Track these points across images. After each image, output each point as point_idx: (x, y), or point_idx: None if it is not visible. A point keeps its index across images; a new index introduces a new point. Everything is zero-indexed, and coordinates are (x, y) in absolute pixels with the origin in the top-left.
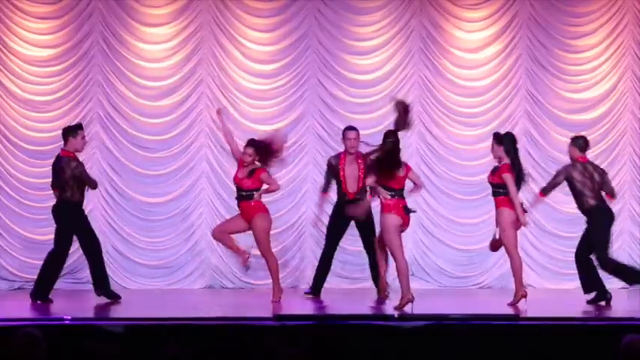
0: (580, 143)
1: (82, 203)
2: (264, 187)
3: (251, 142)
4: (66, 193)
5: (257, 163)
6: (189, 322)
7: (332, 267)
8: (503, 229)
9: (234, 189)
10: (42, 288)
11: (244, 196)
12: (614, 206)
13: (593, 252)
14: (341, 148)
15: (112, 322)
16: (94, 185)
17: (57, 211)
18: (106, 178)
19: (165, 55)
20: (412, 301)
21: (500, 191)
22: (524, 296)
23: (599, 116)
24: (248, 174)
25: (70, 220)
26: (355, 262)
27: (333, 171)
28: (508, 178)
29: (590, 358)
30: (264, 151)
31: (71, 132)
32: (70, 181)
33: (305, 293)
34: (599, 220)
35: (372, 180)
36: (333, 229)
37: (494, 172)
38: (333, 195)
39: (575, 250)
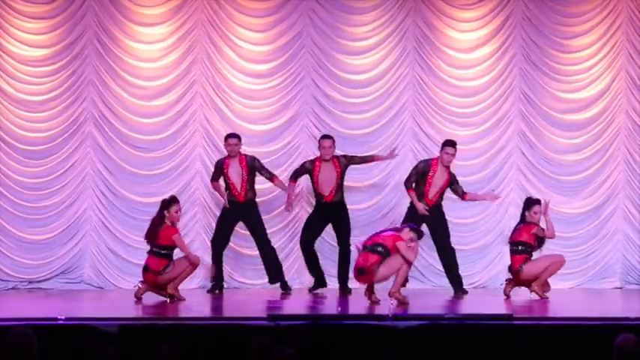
0: None
1: None
2: None
3: None
4: None
5: None
6: (183, 322)
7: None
8: None
9: None
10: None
11: None
12: (609, 206)
13: None
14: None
15: (106, 322)
16: None
17: None
18: (99, 177)
19: (159, 54)
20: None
21: None
22: None
23: (593, 116)
24: None
25: None
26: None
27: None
28: None
29: (584, 358)
30: None
31: None
32: None
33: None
34: None
35: None
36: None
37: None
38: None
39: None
